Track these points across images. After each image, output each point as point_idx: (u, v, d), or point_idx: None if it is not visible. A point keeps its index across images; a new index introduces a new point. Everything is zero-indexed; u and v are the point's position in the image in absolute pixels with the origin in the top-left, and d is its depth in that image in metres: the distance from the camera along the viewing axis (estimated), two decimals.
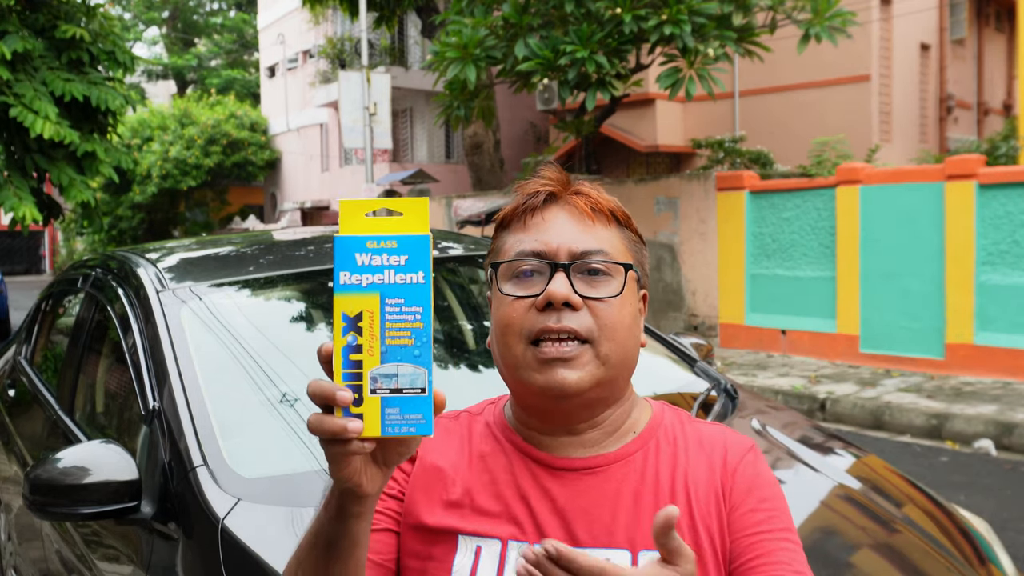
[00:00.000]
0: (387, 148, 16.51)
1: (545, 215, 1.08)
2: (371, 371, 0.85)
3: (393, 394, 0.84)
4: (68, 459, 1.93)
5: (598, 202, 1.09)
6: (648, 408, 1.15)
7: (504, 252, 1.09)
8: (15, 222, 9.69)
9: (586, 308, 1.03)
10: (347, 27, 22.16)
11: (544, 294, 1.03)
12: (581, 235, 1.06)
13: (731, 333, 10.11)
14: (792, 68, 14.64)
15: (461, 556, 1.05)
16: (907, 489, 2.30)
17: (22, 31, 9.42)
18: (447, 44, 9.59)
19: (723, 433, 1.13)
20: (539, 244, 1.06)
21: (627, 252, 1.09)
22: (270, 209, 28.52)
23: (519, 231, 1.09)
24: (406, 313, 0.85)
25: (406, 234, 0.87)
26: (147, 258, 2.69)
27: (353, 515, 0.92)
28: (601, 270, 1.05)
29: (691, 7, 8.63)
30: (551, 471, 1.07)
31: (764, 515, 1.05)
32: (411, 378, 0.85)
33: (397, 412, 0.84)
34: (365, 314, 0.85)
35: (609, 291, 1.05)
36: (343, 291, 0.86)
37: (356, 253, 0.86)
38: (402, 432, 0.85)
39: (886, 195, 8.62)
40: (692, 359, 2.80)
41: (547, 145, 18.84)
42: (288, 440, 1.98)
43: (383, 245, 0.86)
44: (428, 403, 0.85)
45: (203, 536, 1.73)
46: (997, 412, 6.64)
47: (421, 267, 0.86)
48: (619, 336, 1.05)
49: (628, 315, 1.07)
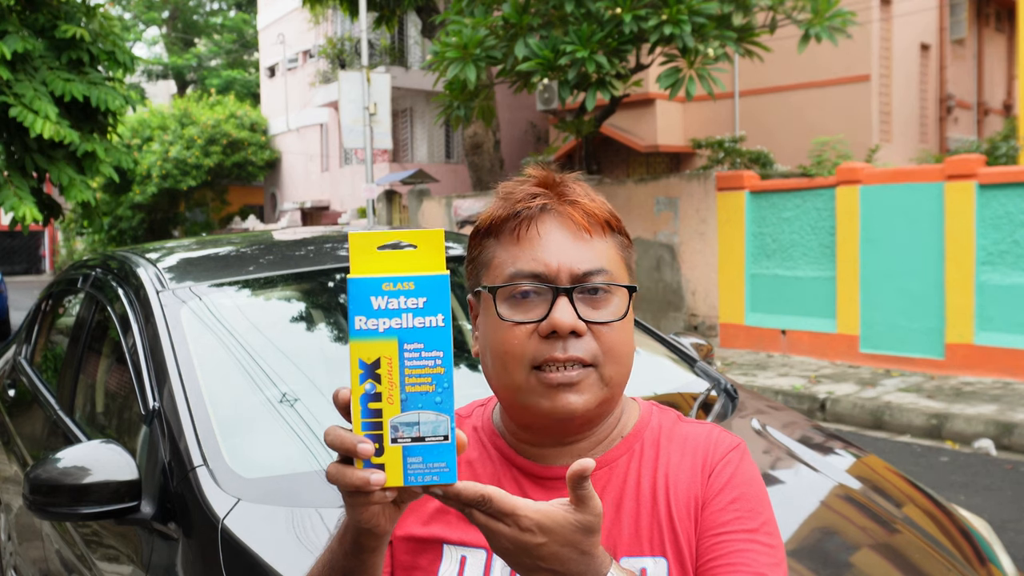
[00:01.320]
0: (387, 148, 16.50)
1: (540, 229, 1.03)
2: (391, 420, 0.82)
3: (415, 443, 0.82)
4: (68, 459, 1.93)
5: (592, 211, 1.06)
6: (636, 409, 1.14)
7: (495, 267, 1.05)
8: (15, 222, 9.68)
9: (590, 332, 1.01)
10: (347, 27, 22.16)
11: (548, 322, 1.00)
12: (580, 252, 1.03)
13: (731, 333, 10.11)
14: (792, 68, 14.64)
15: (446, 565, 1.05)
16: (907, 489, 2.30)
17: (22, 31, 9.42)
18: (447, 44, 9.59)
19: (709, 433, 1.11)
20: (537, 265, 1.02)
21: (622, 263, 1.07)
22: (270, 209, 28.52)
23: (511, 245, 1.04)
24: (426, 358, 0.82)
25: (424, 275, 0.83)
26: (147, 258, 2.68)
27: (370, 550, 0.92)
28: (602, 289, 1.03)
29: (691, 7, 8.63)
30: (536, 480, 1.07)
31: (732, 515, 1.03)
32: (433, 426, 0.82)
33: (419, 461, 0.82)
34: (383, 361, 0.82)
35: (612, 313, 1.03)
36: (359, 337, 0.82)
37: (372, 296, 0.82)
38: (425, 481, 0.83)
39: (886, 195, 8.62)
40: (692, 359, 2.80)
41: (547, 145, 18.83)
42: (288, 440, 1.98)
43: (400, 288, 0.82)
44: (452, 450, 0.82)
45: (203, 536, 1.73)
46: (997, 412, 6.64)
47: (440, 309, 0.82)
48: (623, 358, 1.04)
49: (629, 334, 1.06)
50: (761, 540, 1.02)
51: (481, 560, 1.04)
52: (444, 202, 14.11)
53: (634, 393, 1.19)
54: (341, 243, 2.85)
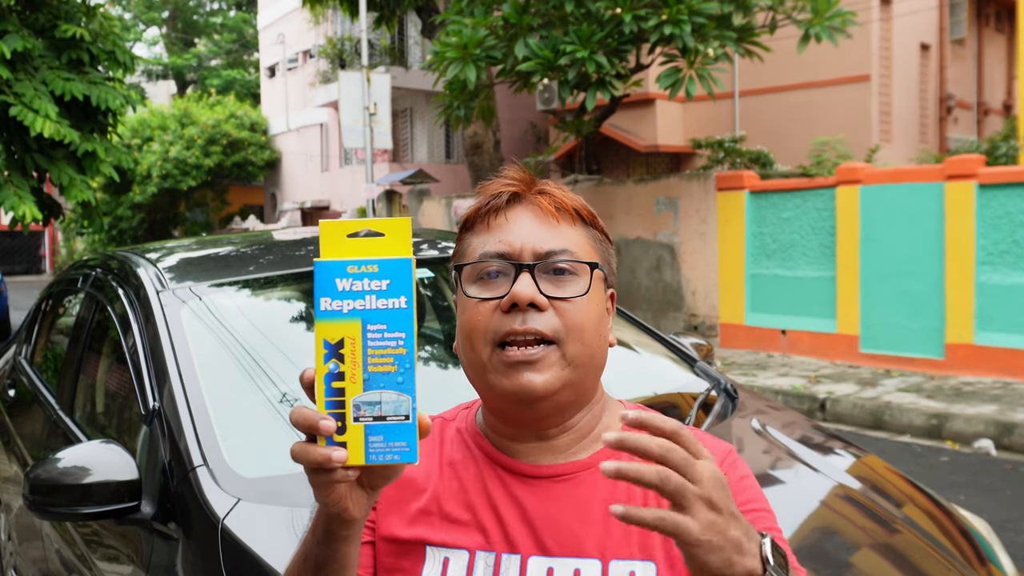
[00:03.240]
0: (387, 148, 16.50)
1: (509, 215, 1.06)
2: (354, 399, 0.84)
3: (376, 422, 0.84)
4: (68, 459, 1.93)
5: (562, 201, 1.07)
6: (621, 410, 1.14)
7: (468, 254, 1.08)
8: (15, 222, 9.68)
9: (552, 309, 1.02)
10: (347, 27, 22.16)
11: (509, 295, 1.01)
12: (545, 234, 1.04)
13: (731, 333, 10.11)
14: (792, 68, 14.64)
15: (429, 567, 1.05)
16: (907, 489, 2.30)
17: (22, 30, 9.41)
18: (447, 44, 9.59)
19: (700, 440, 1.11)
20: (503, 245, 1.04)
21: (593, 251, 1.08)
22: (270, 209, 28.52)
23: (483, 232, 1.07)
24: (388, 339, 0.84)
25: (388, 258, 0.85)
26: (147, 258, 2.68)
27: (341, 538, 0.92)
28: (567, 269, 1.04)
29: (691, 7, 8.62)
30: (521, 479, 1.06)
31: (751, 517, 1.02)
32: (395, 405, 0.84)
33: (381, 440, 0.84)
34: (347, 341, 0.84)
35: (575, 291, 1.03)
36: (324, 318, 0.84)
37: (336, 278, 0.85)
38: (386, 460, 0.84)
39: (886, 195, 8.62)
40: (692, 359, 2.80)
41: (547, 145, 18.82)
42: (288, 440, 1.97)
43: (364, 270, 0.85)
44: (412, 430, 0.84)
45: (203, 536, 1.73)
46: (997, 412, 6.64)
47: (403, 292, 0.85)
48: (586, 336, 1.03)
49: (595, 314, 1.05)
50: (772, 522, 1.04)
51: (463, 562, 1.04)
52: (444, 202, 14.11)
53: (634, 393, 1.19)
54: None
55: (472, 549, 1.04)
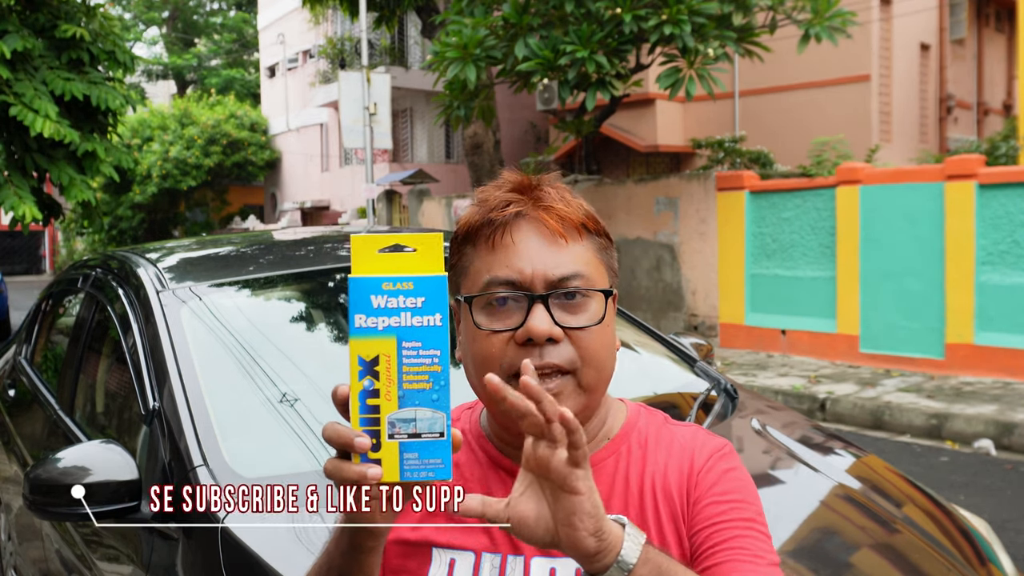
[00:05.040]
0: (387, 148, 16.50)
1: (514, 235, 1.03)
2: (389, 416, 0.84)
3: (411, 439, 0.84)
4: (68, 459, 1.93)
5: (567, 216, 1.05)
6: (623, 410, 1.14)
7: (472, 275, 1.06)
8: (15, 222, 9.68)
9: (567, 338, 1.01)
10: (347, 27, 22.15)
11: (524, 329, 1.00)
12: (555, 257, 1.02)
13: (731, 333, 10.11)
14: (792, 68, 14.63)
15: (435, 569, 1.05)
16: (907, 489, 2.30)
17: (22, 30, 9.41)
18: (447, 44, 9.59)
19: (695, 436, 1.11)
20: (512, 272, 1.02)
21: (600, 265, 1.07)
22: (270, 209, 28.52)
23: (486, 253, 1.05)
24: (423, 356, 0.84)
25: (423, 275, 0.85)
26: (147, 258, 2.68)
27: (366, 550, 0.92)
28: (579, 293, 1.03)
29: (691, 7, 8.62)
30: None
31: (725, 507, 1.03)
32: (429, 423, 0.84)
33: (415, 457, 0.84)
34: (382, 358, 0.84)
35: (589, 318, 1.02)
36: (359, 335, 0.84)
37: (371, 295, 0.85)
38: (421, 477, 0.84)
39: (886, 195, 8.62)
40: (692, 359, 2.80)
41: (547, 145, 18.82)
42: (288, 440, 1.98)
43: (399, 287, 0.85)
44: (447, 447, 0.84)
45: (203, 536, 1.73)
46: (997, 412, 6.64)
47: (438, 309, 0.85)
48: (601, 362, 1.04)
49: (608, 337, 1.05)
50: (758, 528, 1.03)
51: (470, 563, 1.04)
52: (444, 202, 14.12)
53: (634, 393, 1.20)
54: (341, 243, 2.85)
55: (478, 551, 1.05)
